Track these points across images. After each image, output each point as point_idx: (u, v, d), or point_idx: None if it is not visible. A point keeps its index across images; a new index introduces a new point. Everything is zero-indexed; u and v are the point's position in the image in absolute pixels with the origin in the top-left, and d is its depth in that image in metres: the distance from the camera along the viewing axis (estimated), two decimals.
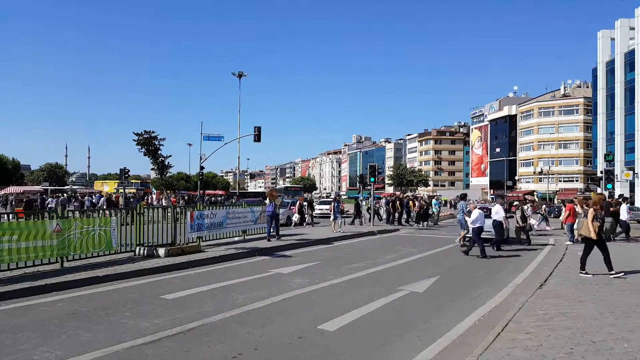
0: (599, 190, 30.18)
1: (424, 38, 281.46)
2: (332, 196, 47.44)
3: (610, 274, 9.35)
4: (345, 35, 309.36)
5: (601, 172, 21.22)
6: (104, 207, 25.04)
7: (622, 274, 9.42)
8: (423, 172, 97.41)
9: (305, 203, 25.19)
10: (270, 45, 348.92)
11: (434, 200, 29.30)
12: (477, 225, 13.47)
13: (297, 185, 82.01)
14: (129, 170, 39.99)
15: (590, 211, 9.61)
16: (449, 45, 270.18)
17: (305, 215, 24.12)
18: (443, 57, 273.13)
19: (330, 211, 21.61)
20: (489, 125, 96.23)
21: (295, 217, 23.59)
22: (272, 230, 15.70)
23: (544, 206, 28.27)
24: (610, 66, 55.76)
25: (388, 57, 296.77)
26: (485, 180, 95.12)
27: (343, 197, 72.50)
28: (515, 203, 29.18)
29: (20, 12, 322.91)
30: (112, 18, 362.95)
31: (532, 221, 20.62)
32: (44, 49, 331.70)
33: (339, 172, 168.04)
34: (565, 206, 19.28)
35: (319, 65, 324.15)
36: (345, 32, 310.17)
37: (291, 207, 24.80)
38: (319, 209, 31.22)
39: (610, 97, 55.64)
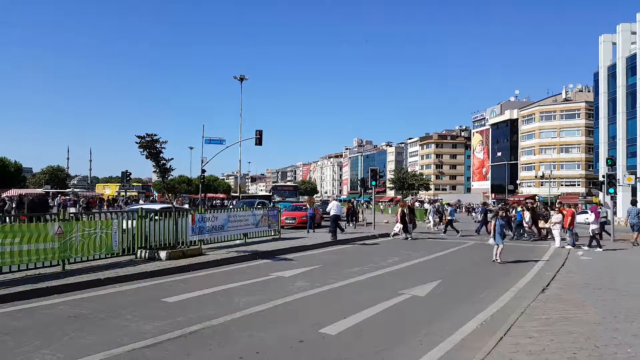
0: (600, 195, 30.06)
1: (425, 42, 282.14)
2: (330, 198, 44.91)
3: None
4: (347, 39, 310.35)
5: (603, 177, 21.13)
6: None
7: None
8: (424, 176, 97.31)
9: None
10: (272, 49, 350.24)
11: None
12: (332, 213, 18.41)
13: (288, 185, 61.64)
14: (130, 173, 40.20)
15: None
16: (451, 49, 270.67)
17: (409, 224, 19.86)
18: (444, 61, 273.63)
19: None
20: (491, 129, 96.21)
21: (397, 227, 20.15)
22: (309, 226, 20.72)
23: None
24: (612, 70, 55.80)
25: (390, 61, 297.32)
26: (486, 185, 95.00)
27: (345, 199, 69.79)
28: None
29: (21, 16, 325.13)
30: (113, 21, 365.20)
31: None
32: (45, 53, 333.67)
33: (340, 175, 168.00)
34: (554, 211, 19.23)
35: (320, 69, 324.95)
36: (347, 36, 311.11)
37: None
38: None
39: (612, 102, 55.64)
